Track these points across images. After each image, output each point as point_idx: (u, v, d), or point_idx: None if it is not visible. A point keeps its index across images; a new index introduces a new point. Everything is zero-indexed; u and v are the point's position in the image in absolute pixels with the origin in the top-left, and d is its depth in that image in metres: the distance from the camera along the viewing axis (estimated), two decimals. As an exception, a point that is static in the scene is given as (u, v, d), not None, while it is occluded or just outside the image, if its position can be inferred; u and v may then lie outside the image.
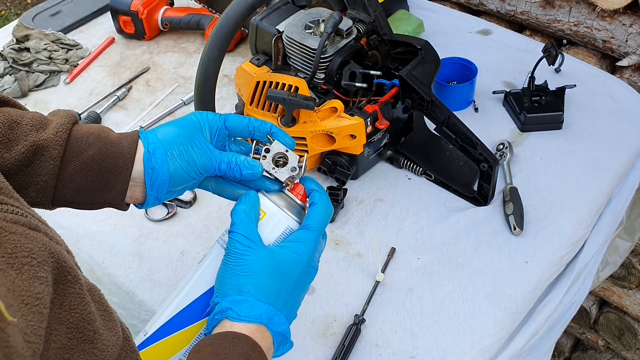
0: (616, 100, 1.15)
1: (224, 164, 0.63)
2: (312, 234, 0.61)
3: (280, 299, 0.58)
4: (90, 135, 0.62)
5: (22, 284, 0.38)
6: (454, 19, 1.39)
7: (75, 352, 0.43)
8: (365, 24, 1.02)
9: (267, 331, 0.57)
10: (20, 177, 0.60)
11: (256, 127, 0.65)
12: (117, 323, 0.49)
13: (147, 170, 0.62)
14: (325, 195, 0.64)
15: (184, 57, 1.40)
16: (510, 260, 0.92)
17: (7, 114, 0.60)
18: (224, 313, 0.57)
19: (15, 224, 0.41)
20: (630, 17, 1.28)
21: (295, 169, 0.64)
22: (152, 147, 0.62)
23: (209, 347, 0.54)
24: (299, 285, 0.61)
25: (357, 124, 0.94)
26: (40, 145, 0.59)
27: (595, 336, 1.78)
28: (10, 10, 3.65)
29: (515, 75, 1.22)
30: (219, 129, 0.65)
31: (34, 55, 1.37)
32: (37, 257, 0.40)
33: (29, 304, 0.38)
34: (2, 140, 0.59)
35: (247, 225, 0.60)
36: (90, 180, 0.61)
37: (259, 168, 0.63)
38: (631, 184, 1.10)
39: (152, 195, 0.63)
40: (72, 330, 0.43)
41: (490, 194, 0.97)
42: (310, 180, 0.65)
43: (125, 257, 0.98)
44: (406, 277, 0.91)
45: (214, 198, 1.06)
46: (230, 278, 0.58)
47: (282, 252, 0.60)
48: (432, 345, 0.83)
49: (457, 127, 0.94)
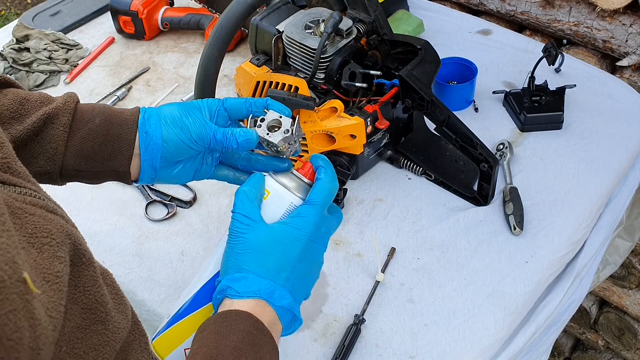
0: (616, 100, 1.15)
1: (219, 133, 0.64)
2: (314, 209, 0.60)
3: (282, 274, 0.58)
4: (95, 107, 0.67)
5: (43, 262, 0.39)
6: (454, 19, 1.39)
7: (88, 332, 0.44)
8: (365, 24, 1.01)
9: (268, 305, 0.57)
10: (31, 147, 0.63)
11: (252, 102, 0.67)
12: (128, 307, 0.51)
13: (141, 134, 0.65)
14: (331, 171, 0.64)
15: (184, 57, 1.40)
16: (510, 260, 0.92)
17: (15, 93, 0.65)
18: (224, 292, 0.57)
19: (34, 206, 0.42)
20: (630, 17, 1.28)
21: (287, 130, 0.64)
22: (148, 114, 0.66)
23: (212, 326, 0.55)
24: (303, 261, 0.60)
25: (357, 124, 0.94)
26: (50, 113, 0.63)
27: (595, 336, 1.78)
28: (10, 10, 3.65)
29: (515, 75, 1.22)
30: (217, 110, 0.67)
31: (34, 55, 1.37)
32: (55, 238, 0.41)
33: (50, 281, 0.38)
34: (14, 115, 0.63)
35: (246, 205, 0.60)
36: (97, 147, 0.65)
37: (253, 134, 0.64)
38: (631, 184, 1.10)
39: (146, 161, 0.65)
40: (86, 311, 0.44)
41: (490, 194, 0.97)
42: (317, 157, 0.65)
43: (125, 257, 0.98)
44: (406, 277, 0.91)
45: (214, 198, 1.06)
46: (230, 257, 0.59)
47: (282, 227, 0.60)
48: (432, 345, 0.83)
49: (457, 127, 0.94)
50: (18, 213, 0.40)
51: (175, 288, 0.93)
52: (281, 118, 0.65)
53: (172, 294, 0.92)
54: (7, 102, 0.64)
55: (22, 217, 0.40)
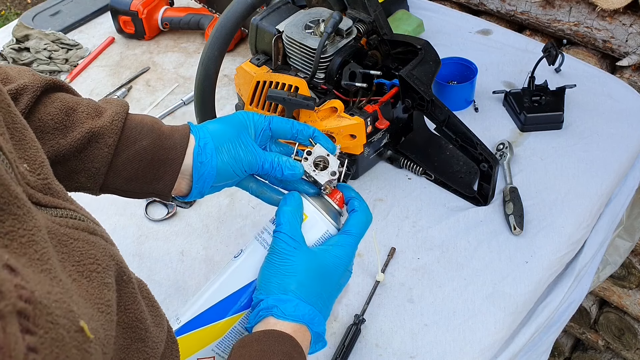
0: (616, 100, 1.15)
1: (267, 163, 0.65)
2: (352, 239, 0.63)
3: (321, 300, 0.60)
4: (144, 126, 0.64)
5: (94, 292, 0.38)
6: (454, 19, 1.39)
7: (130, 352, 0.43)
8: (365, 24, 1.01)
9: (307, 331, 0.59)
10: (73, 163, 0.61)
11: (299, 130, 0.67)
12: (164, 318, 0.51)
13: (195, 164, 0.63)
14: (365, 203, 0.66)
15: (184, 57, 1.40)
16: (510, 260, 0.92)
17: (63, 100, 0.62)
18: (269, 310, 0.58)
19: (77, 229, 0.41)
20: (630, 17, 1.28)
21: (335, 173, 0.65)
22: (203, 141, 0.64)
23: (255, 344, 0.55)
24: (337, 288, 0.63)
25: (357, 123, 0.94)
26: (96, 132, 0.61)
27: (595, 336, 1.78)
28: (10, 10, 3.65)
29: (515, 75, 1.22)
30: (263, 130, 0.67)
31: (34, 55, 1.38)
32: (101, 264, 0.40)
33: (103, 312, 0.37)
34: (59, 126, 0.60)
35: (293, 227, 0.61)
36: (141, 170, 0.63)
37: (300, 169, 0.65)
38: (631, 184, 1.10)
39: (197, 188, 0.65)
40: (127, 330, 0.43)
41: (490, 194, 0.97)
42: (348, 188, 0.68)
43: (125, 257, 0.97)
44: (406, 277, 0.91)
45: (214, 198, 1.06)
46: (276, 277, 0.60)
47: (324, 255, 0.61)
48: (432, 345, 0.83)
49: (457, 127, 0.94)
50: (64, 240, 0.38)
51: (175, 288, 0.93)
52: (328, 157, 0.66)
53: (172, 294, 0.92)
54: (53, 111, 0.61)
55: (68, 245, 0.38)
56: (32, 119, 0.60)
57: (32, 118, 0.60)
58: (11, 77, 0.60)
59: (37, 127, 0.60)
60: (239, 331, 0.64)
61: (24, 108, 0.59)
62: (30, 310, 0.28)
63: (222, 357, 0.65)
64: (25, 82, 0.60)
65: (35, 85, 0.60)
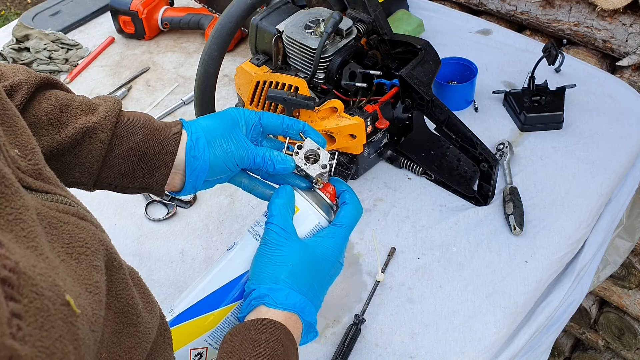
0: (616, 100, 1.15)
1: (259, 157, 0.66)
2: (343, 231, 0.64)
3: (312, 290, 0.61)
4: (137, 121, 0.65)
5: (83, 273, 0.38)
6: (454, 19, 1.39)
7: (122, 336, 0.44)
8: (365, 23, 1.01)
9: (299, 320, 0.60)
10: (67, 158, 0.62)
11: (289, 125, 0.68)
12: (156, 305, 0.51)
13: (188, 159, 0.64)
14: (356, 196, 0.67)
15: (184, 57, 1.40)
16: (510, 260, 0.91)
17: (57, 97, 0.63)
18: (261, 299, 0.59)
19: (67, 214, 0.41)
20: (630, 17, 1.28)
21: (326, 166, 0.66)
22: (195, 136, 0.65)
23: (246, 333, 0.56)
24: (328, 279, 0.64)
25: (357, 123, 0.94)
26: (90, 128, 0.61)
27: (595, 336, 1.78)
28: (10, 10, 3.65)
29: (515, 75, 1.22)
30: (254, 125, 0.68)
31: (34, 55, 1.37)
32: (90, 247, 0.41)
33: (91, 292, 0.38)
34: (53, 122, 0.61)
35: (284, 218, 0.62)
36: (134, 165, 0.64)
37: (291, 163, 0.66)
38: (631, 184, 1.10)
39: (190, 183, 0.65)
40: (119, 315, 0.44)
41: (490, 194, 0.97)
42: (340, 182, 0.68)
43: (125, 257, 0.97)
44: (406, 277, 0.91)
45: (214, 198, 1.06)
46: (267, 267, 0.60)
47: (315, 246, 0.62)
48: (432, 345, 0.83)
49: (457, 127, 0.94)
50: (54, 223, 0.39)
51: (175, 288, 0.93)
52: (319, 150, 0.67)
53: (172, 293, 0.92)
54: (47, 108, 0.61)
55: (57, 227, 0.39)
56: (27, 115, 0.61)
57: (27, 114, 0.61)
58: (6, 75, 0.61)
59: (31, 123, 0.60)
60: (232, 322, 0.65)
61: (19, 104, 0.60)
62: (14, 279, 0.28)
63: (214, 347, 0.65)
64: (20, 79, 0.60)
65: (30, 82, 0.61)
